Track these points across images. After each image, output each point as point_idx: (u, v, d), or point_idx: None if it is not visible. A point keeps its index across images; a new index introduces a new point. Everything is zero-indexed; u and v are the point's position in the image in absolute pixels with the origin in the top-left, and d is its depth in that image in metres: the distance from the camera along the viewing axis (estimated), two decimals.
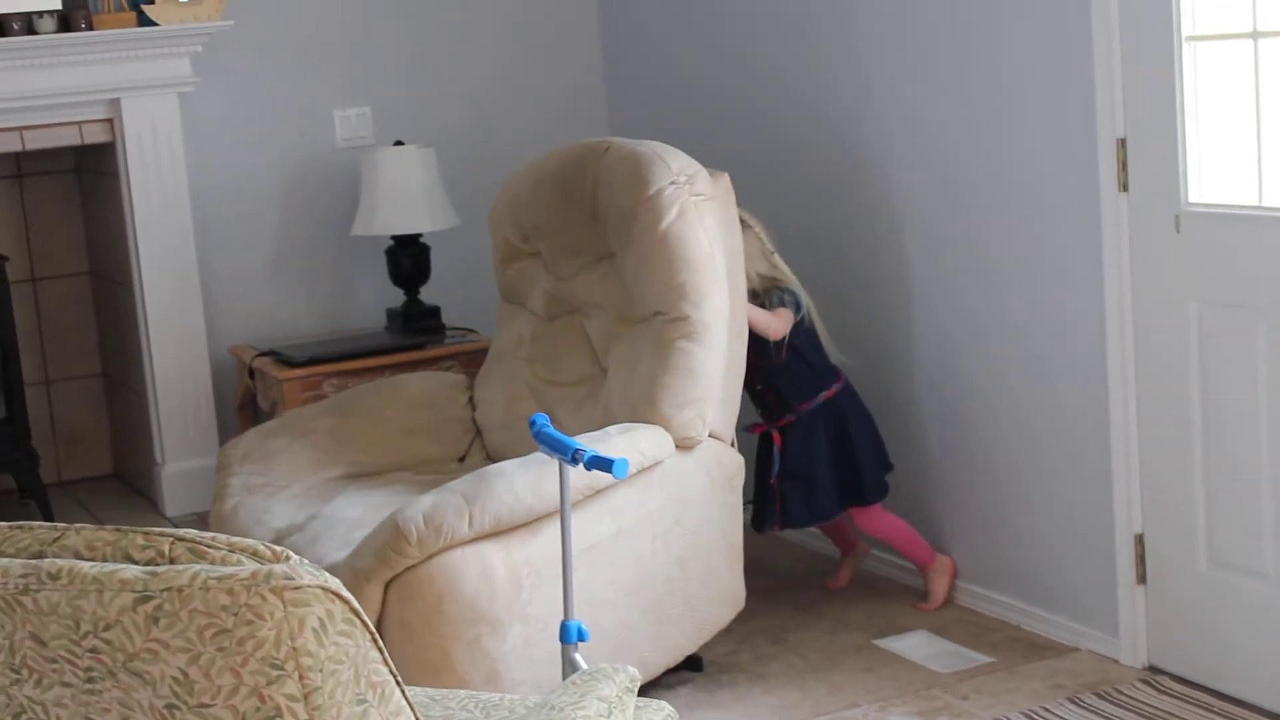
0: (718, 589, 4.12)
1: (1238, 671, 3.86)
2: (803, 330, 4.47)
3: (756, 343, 4.36)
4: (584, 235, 4.35)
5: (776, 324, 4.42)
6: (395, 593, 3.66)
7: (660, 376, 4.03)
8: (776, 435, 4.50)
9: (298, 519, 4.19)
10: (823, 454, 4.48)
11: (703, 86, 5.53)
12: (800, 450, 4.49)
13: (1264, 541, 3.74)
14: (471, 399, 4.70)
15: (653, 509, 3.96)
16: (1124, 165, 3.93)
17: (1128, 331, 3.99)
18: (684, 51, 5.63)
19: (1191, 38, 3.76)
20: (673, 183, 4.11)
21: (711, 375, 4.07)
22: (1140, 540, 4.06)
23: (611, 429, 3.93)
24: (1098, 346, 4.06)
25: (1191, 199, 3.81)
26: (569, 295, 4.46)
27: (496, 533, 3.71)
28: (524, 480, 3.72)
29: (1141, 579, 4.07)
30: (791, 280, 4.49)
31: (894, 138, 4.66)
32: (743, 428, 4.36)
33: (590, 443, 3.81)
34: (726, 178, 4.26)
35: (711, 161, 4.38)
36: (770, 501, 4.52)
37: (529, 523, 3.75)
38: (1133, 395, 4.01)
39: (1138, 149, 3.90)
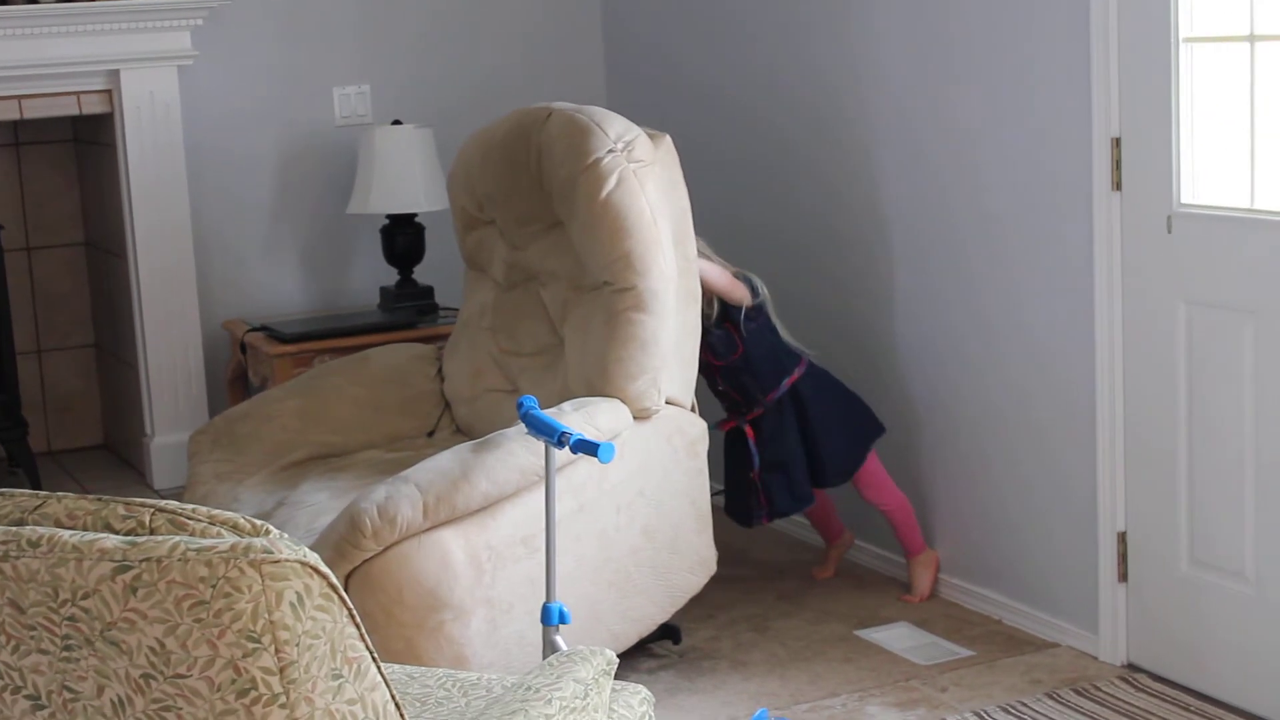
0: (687, 556, 4.13)
1: (1216, 671, 3.87)
2: (761, 319, 4.45)
3: (711, 345, 4.34)
4: (534, 204, 4.35)
5: (731, 284, 4.36)
6: (356, 585, 3.66)
7: (611, 349, 4.03)
8: (749, 429, 4.50)
9: (266, 505, 4.19)
10: (795, 440, 4.49)
11: (700, 70, 5.53)
12: (774, 440, 4.49)
13: (1245, 543, 3.76)
14: (440, 370, 4.70)
15: (615, 482, 3.97)
16: (1118, 164, 3.94)
17: (1116, 330, 4.00)
18: (683, 35, 5.63)
19: (1189, 39, 3.77)
20: (610, 151, 4.09)
21: (663, 343, 4.06)
22: (1123, 538, 4.07)
23: (566, 405, 3.92)
24: (1086, 344, 4.07)
25: (1184, 200, 3.82)
26: (525, 263, 4.45)
27: (453, 519, 3.71)
28: (479, 466, 3.72)
29: (1123, 577, 4.09)
30: (753, 275, 4.47)
31: (887, 134, 4.67)
32: (712, 425, 4.35)
33: None
34: (668, 140, 4.23)
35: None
36: (753, 495, 4.52)
37: (486, 507, 3.75)
38: (1119, 394, 4.02)
39: (1132, 149, 3.90)
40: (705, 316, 4.30)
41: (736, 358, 4.44)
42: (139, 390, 5.88)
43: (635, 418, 4.02)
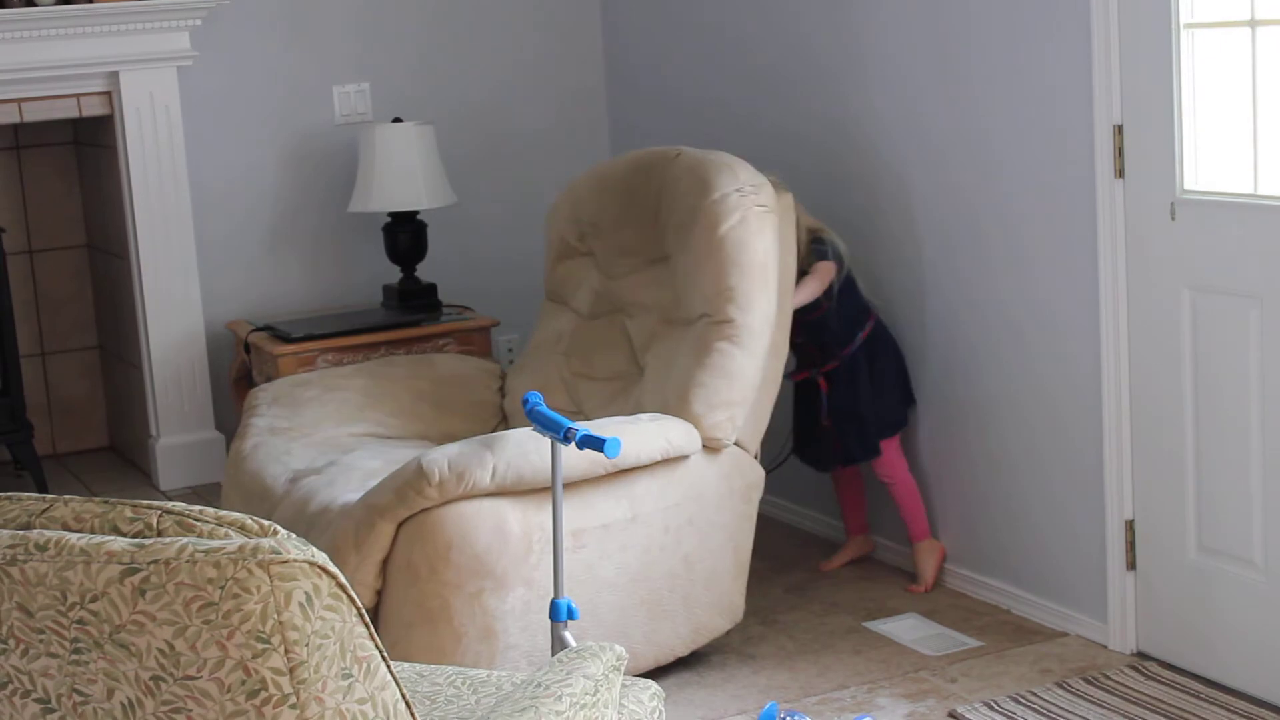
0: (718, 596, 4.12)
1: (1225, 658, 3.87)
2: (843, 279, 4.55)
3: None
4: (641, 237, 4.40)
5: (817, 283, 4.49)
6: (407, 533, 3.68)
7: (696, 374, 4.05)
8: (823, 381, 4.59)
9: (317, 463, 4.23)
10: (868, 391, 4.58)
11: (699, 73, 5.53)
12: (847, 392, 4.59)
13: (1253, 529, 3.75)
14: (502, 387, 4.73)
15: (670, 502, 3.98)
16: (1120, 151, 3.93)
17: (1121, 317, 3.99)
18: (683, 32, 5.63)
19: (1190, 25, 3.76)
20: (738, 190, 4.15)
21: (748, 380, 4.08)
22: (1131, 526, 4.07)
23: (643, 415, 3.96)
24: (1091, 332, 4.07)
25: (1187, 186, 3.81)
26: (616, 294, 4.49)
27: (516, 491, 3.73)
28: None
29: (1131, 565, 4.08)
30: (830, 231, 4.58)
31: (891, 126, 4.66)
32: (785, 375, 4.36)
33: (622, 425, 3.82)
34: (790, 196, 4.31)
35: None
36: (825, 442, 4.62)
37: (549, 488, 3.75)
38: (1125, 381, 4.01)
39: (1134, 135, 3.90)
40: None
41: (819, 315, 4.51)
42: (143, 392, 5.88)
43: (704, 447, 4.03)
